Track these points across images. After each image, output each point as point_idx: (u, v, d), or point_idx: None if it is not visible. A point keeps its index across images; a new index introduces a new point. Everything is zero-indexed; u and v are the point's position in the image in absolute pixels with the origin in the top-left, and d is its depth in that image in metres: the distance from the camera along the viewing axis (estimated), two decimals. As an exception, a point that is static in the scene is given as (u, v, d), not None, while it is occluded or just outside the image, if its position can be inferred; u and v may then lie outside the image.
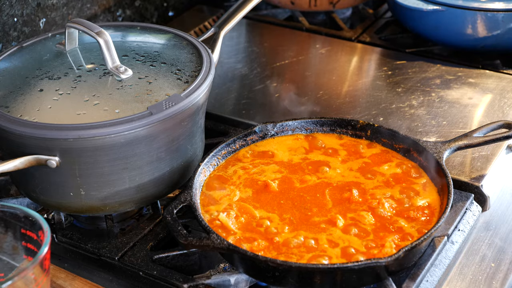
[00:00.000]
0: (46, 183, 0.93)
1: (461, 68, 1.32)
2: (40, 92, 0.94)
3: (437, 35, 1.37)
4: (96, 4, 1.41)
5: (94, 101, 0.92)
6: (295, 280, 0.85)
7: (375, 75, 1.33)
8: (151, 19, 1.55)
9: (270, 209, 0.94)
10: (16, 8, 1.23)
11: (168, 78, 0.97)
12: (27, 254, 0.83)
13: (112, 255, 0.95)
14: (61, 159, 0.89)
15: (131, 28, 1.09)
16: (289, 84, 1.30)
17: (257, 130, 1.06)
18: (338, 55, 1.40)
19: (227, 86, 1.30)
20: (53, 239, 0.99)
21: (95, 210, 0.95)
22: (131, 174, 0.93)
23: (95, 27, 0.97)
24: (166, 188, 0.98)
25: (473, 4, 1.29)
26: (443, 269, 0.92)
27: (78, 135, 0.86)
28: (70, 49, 1.02)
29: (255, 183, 0.98)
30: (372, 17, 1.54)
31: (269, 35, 1.50)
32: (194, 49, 1.03)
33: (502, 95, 1.24)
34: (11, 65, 1.00)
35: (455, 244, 0.95)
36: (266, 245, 0.88)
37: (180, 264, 0.94)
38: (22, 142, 0.89)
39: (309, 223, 0.91)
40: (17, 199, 1.03)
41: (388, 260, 0.82)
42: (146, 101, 0.92)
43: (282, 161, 1.02)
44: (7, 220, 0.83)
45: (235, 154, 1.03)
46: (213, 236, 0.86)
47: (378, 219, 0.91)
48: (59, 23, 1.33)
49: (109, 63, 0.96)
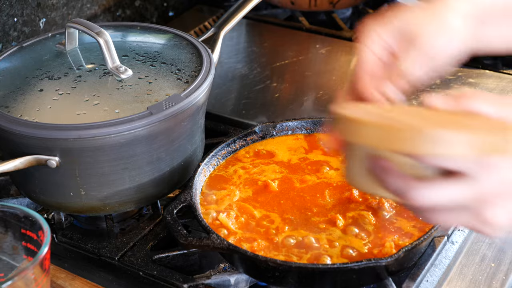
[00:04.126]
0: (46, 183, 0.93)
1: (461, 68, 1.32)
2: (40, 92, 0.94)
3: (437, 35, 1.36)
4: (96, 4, 1.41)
5: (94, 101, 0.92)
6: (295, 280, 0.85)
7: (375, 75, 1.33)
8: (151, 19, 1.55)
9: (270, 209, 0.94)
10: (16, 8, 1.23)
11: (168, 78, 0.97)
12: (27, 254, 0.83)
13: (112, 255, 0.95)
14: (61, 159, 0.89)
15: (131, 28, 1.09)
16: (289, 84, 1.30)
17: (257, 130, 1.06)
18: (338, 55, 1.40)
19: (227, 86, 1.30)
20: (53, 239, 0.99)
21: (95, 210, 0.95)
22: (131, 174, 0.93)
23: (95, 27, 0.97)
24: (166, 188, 0.98)
25: (473, 4, 1.29)
26: (443, 269, 0.92)
27: (78, 135, 0.86)
28: (70, 49, 1.02)
29: (255, 183, 0.98)
30: (372, 17, 1.54)
31: (269, 35, 1.50)
32: (194, 49, 1.03)
33: (502, 95, 1.24)
34: (11, 65, 1.00)
35: (455, 244, 0.95)
36: (266, 245, 0.88)
37: (180, 264, 0.94)
38: (22, 142, 0.89)
39: (309, 223, 0.91)
40: (17, 199, 1.03)
41: (388, 260, 0.82)
42: (146, 101, 0.92)
43: (282, 161, 1.02)
44: (7, 220, 0.83)
45: (235, 154, 1.03)
46: (213, 236, 0.86)
47: (378, 219, 0.91)
48: (59, 23, 1.33)
49: (109, 63, 0.96)
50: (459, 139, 0.64)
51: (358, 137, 0.68)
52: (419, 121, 0.68)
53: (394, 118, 0.70)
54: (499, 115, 0.68)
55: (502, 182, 0.66)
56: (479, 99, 0.69)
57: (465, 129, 0.66)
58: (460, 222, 0.69)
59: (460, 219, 0.69)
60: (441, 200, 0.67)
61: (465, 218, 0.68)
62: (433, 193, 0.66)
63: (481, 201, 0.66)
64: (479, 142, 0.64)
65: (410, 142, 0.65)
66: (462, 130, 0.65)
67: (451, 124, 0.67)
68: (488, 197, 0.66)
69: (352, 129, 0.69)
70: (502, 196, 0.66)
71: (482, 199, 0.66)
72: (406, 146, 0.65)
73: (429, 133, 0.64)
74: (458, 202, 0.67)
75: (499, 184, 0.66)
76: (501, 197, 0.66)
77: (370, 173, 0.72)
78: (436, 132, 0.64)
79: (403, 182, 0.68)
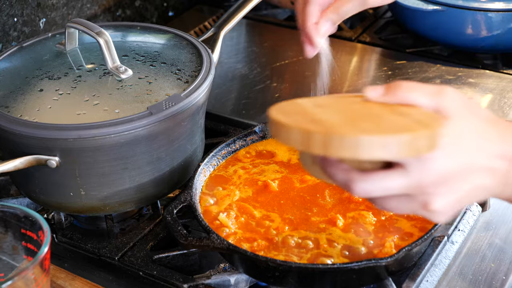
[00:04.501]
0: (46, 183, 0.93)
1: (461, 68, 1.32)
2: (40, 92, 0.94)
3: (437, 35, 1.36)
4: (96, 4, 1.41)
5: (94, 101, 0.92)
6: (295, 280, 0.85)
7: (375, 75, 1.33)
8: (151, 19, 1.55)
9: (270, 209, 0.94)
10: (16, 8, 1.23)
11: (168, 78, 0.97)
12: (27, 254, 0.83)
13: (112, 255, 0.95)
14: (61, 159, 0.89)
15: (131, 28, 1.09)
16: (289, 84, 1.30)
17: (257, 130, 1.06)
18: (338, 55, 1.40)
19: (227, 86, 1.30)
20: (53, 239, 0.99)
21: (95, 210, 0.95)
22: (131, 174, 0.93)
23: (95, 27, 0.97)
24: (166, 188, 0.98)
25: (473, 4, 1.29)
26: (443, 269, 0.92)
27: (78, 135, 0.86)
28: (70, 49, 1.02)
29: (255, 183, 0.98)
30: (372, 17, 1.54)
31: (269, 35, 1.50)
32: (194, 49, 1.03)
33: (502, 95, 1.24)
34: (11, 65, 1.00)
35: (455, 244, 0.95)
36: (266, 245, 0.88)
37: (180, 264, 0.94)
38: (22, 142, 0.89)
39: (309, 223, 0.91)
40: (17, 199, 1.03)
41: (388, 260, 0.82)
42: (146, 101, 0.92)
43: (282, 161, 1.02)
44: (7, 220, 0.83)
45: (235, 154, 1.03)
46: (213, 236, 0.86)
47: (378, 219, 0.91)
48: (59, 23, 1.33)
49: (109, 63, 0.96)
50: (381, 142, 0.64)
51: (284, 140, 0.69)
52: (346, 122, 0.68)
53: (322, 119, 0.69)
54: (432, 105, 0.69)
55: (438, 171, 0.67)
56: (413, 90, 0.70)
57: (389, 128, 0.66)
58: (407, 210, 0.71)
59: (406, 207, 0.71)
60: (381, 191, 0.69)
61: (410, 206, 0.70)
62: (371, 185, 0.68)
63: (421, 191, 0.68)
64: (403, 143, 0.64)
65: (333, 146, 0.65)
66: (385, 130, 0.65)
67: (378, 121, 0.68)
68: (427, 186, 0.68)
69: (279, 132, 0.69)
70: (440, 185, 0.68)
71: (421, 188, 0.68)
72: (330, 150, 0.65)
73: (350, 138, 0.64)
74: (398, 192, 0.69)
75: (436, 174, 0.68)
76: (440, 186, 0.68)
77: (315, 164, 0.74)
78: (356, 137, 0.64)
79: (345, 174, 0.70)
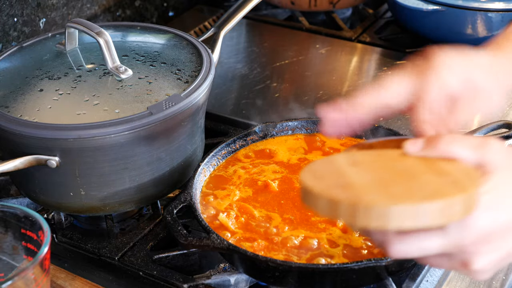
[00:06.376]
0: (46, 183, 0.93)
1: (461, 68, 1.32)
2: (40, 92, 0.94)
3: (437, 35, 1.37)
4: (96, 4, 1.41)
5: (94, 101, 0.92)
6: (295, 280, 0.85)
7: (375, 75, 1.33)
8: (151, 19, 1.55)
9: (270, 209, 0.94)
10: (16, 8, 1.23)
11: (168, 78, 0.97)
12: (27, 254, 0.83)
13: (112, 255, 0.95)
14: (61, 159, 0.89)
15: (131, 28, 1.09)
16: (289, 84, 1.30)
17: (257, 130, 1.06)
18: (338, 55, 1.40)
19: (227, 86, 1.30)
20: (53, 239, 0.99)
21: (95, 210, 0.95)
22: (131, 174, 0.93)
23: (95, 27, 0.97)
24: (166, 188, 0.98)
25: (473, 4, 1.29)
26: (443, 269, 0.92)
27: (78, 135, 0.86)
28: (70, 49, 1.02)
29: (255, 183, 0.98)
30: (372, 17, 1.54)
31: (269, 35, 1.50)
32: (194, 49, 1.03)
33: (502, 95, 1.24)
34: (11, 65, 1.00)
35: (455, 244, 0.95)
36: (266, 245, 0.88)
37: (180, 264, 0.94)
38: (22, 142, 0.89)
39: (309, 223, 0.91)
40: (17, 199, 1.03)
41: (388, 260, 0.82)
42: (146, 101, 0.92)
43: (282, 161, 1.02)
44: (7, 220, 0.83)
45: (235, 154, 1.03)
46: (213, 236, 0.86)
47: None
48: (59, 23, 1.33)
49: (109, 63, 0.96)
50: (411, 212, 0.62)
51: (313, 207, 0.66)
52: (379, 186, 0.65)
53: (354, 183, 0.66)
54: (476, 158, 0.68)
55: (479, 231, 0.66)
56: (455, 143, 0.69)
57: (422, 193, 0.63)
58: (447, 267, 0.70)
59: (446, 265, 0.69)
60: (418, 252, 0.67)
61: (450, 264, 0.69)
62: (409, 247, 0.66)
63: (461, 250, 0.67)
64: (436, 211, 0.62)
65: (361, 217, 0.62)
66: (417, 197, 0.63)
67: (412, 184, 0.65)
68: (467, 246, 0.66)
69: (308, 198, 0.67)
70: (481, 244, 0.67)
71: (461, 248, 0.67)
72: (358, 221, 0.63)
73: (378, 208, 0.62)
74: (437, 252, 0.67)
75: (476, 233, 0.66)
76: (480, 245, 0.67)
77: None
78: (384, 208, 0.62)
79: (380, 235, 0.68)
